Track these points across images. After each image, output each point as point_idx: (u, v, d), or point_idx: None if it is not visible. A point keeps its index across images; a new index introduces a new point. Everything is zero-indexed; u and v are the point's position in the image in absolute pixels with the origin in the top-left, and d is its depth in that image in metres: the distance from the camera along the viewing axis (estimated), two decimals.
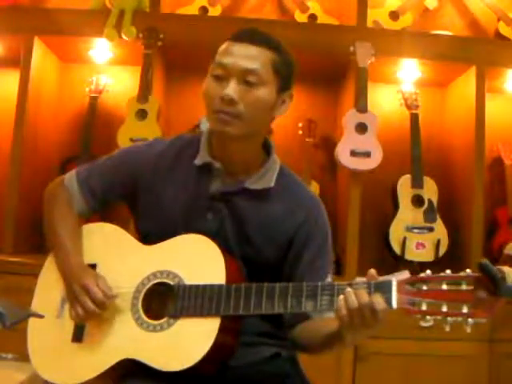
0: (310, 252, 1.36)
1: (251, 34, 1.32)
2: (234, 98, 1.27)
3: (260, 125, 1.35)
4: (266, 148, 1.43)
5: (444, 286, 1.08)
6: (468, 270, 1.09)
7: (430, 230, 2.61)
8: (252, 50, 1.29)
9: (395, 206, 2.67)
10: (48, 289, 1.40)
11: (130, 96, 2.57)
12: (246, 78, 1.28)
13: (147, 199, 1.40)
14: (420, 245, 2.59)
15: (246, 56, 1.29)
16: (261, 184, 1.37)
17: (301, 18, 2.88)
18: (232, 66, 1.28)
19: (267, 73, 1.30)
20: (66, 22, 2.58)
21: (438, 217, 2.63)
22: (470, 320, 1.06)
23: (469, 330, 1.06)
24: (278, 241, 1.36)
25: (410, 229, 2.61)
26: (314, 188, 2.73)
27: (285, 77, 1.34)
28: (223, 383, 1.29)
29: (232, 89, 1.27)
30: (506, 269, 1.03)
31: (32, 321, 1.37)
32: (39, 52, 2.63)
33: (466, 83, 2.70)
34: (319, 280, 1.25)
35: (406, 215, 2.63)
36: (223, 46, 1.32)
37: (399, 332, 2.32)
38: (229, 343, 1.25)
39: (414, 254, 2.57)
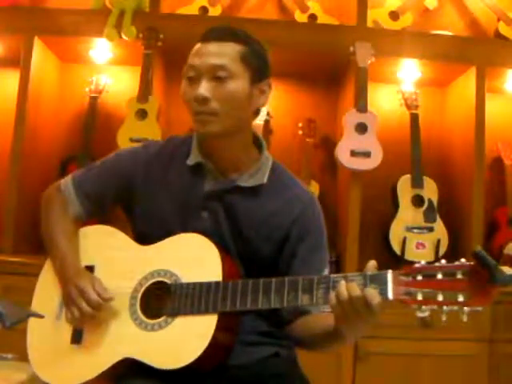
0: (305, 247, 1.37)
1: (217, 31, 1.33)
2: (207, 96, 1.28)
3: (240, 118, 1.35)
4: (258, 146, 1.43)
5: (439, 276, 1.09)
6: (463, 260, 1.09)
7: (430, 229, 2.61)
8: (218, 46, 1.31)
9: (395, 206, 2.67)
10: (47, 291, 1.40)
11: (130, 96, 2.57)
12: (215, 74, 1.29)
13: (142, 201, 1.41)
14: (420, 245, 2.59)
15: (213, 53, 1.30)
16: (253, 181, 1.37)
17: (301, 17, 2.88)
18: (200, 65, 1.30)
19: (236, 66, 1.30)
20: (66, 22, 2.58)
21: (437, 217, 2.63)
22: (465, 309, 1.06)
23: (465, 318, 1.06)
24: (273, 237, 1.36)
25: (409, 229, 2.61)
26: (314, 188, 2.73)
27: (256, 67, 1.34)
28: (222, 382, 1.29)
29: (203, 88, 1.29)
30: (505, 269, 1.03)
31: (31, 323, 1.38)
32: (39, 52, 2.63)
33: (466, 83, 2.70)
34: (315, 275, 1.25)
35: (406, 215, 2.64)
36: (194, 48, 1.34)
37: (399, 332, 2.33)
38: (226, 341, 1.26)
39: (414, 254, 2.57)
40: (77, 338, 1.32)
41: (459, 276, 1.08)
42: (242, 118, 1.35)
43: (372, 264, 1.15)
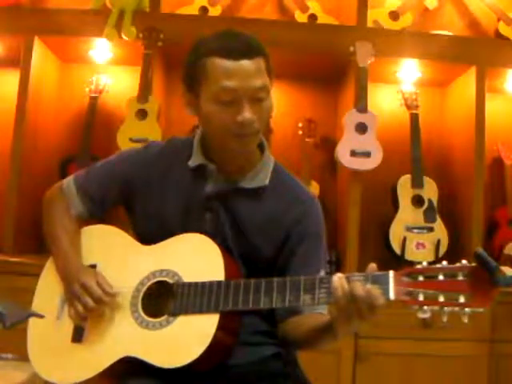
0: (304, 248, 1.37)
1: (240, 47, 1.27)
2: (254, 119, 1.27)
3: None
4: (260, 146, 1.43)
5: (440, 277, 1.09)
6: (464, 261, 1.10)
7: (430, 229, 2.61)
8: (251, 64, 1.26)
9: (395, 206, 2.67)
10: (48, 290, 1.40)
11: (129, 96, 2.57)
12: (256, 95, 1.27)
13: (143, 202, 1.41)
14: (420, 245, 2.59)
15: (251, 74, 1.26)
16: (255, 183, 1.38)
17: (301, 17, 2.88)
18: (241, 88, 1.25)
19: (268, 81, 1.30)
20: (65, 22, 2.58)
21: (437, 217, 2.63)
22: (466, 310, 1.06)
23: (466, 320, 1.07)
24: (274, 238, 1.37)
25: (410, 229, 2.61)
26: (314, 188, 2.73)
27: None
28: (223, 382, 1.29)
29: (250, 112, 1.26)
30: (505, 269, 1.03)
31: (32, 322, 1.37)
32: (39, 52, 2.64)
33: (466, 83, 2.71)
34: (312, 275, 1.25)
35: (406, 215, 2.64)
36: (220, 66, 1.25)
37: (399, 332, 2.33)
38: (227, 341, 1.26)
39: (414, 254, 2.57)
40: (78, 336, 1.32)
41: (460, 277, 1.08)
42: None
43: (372, 267, 1.15)
